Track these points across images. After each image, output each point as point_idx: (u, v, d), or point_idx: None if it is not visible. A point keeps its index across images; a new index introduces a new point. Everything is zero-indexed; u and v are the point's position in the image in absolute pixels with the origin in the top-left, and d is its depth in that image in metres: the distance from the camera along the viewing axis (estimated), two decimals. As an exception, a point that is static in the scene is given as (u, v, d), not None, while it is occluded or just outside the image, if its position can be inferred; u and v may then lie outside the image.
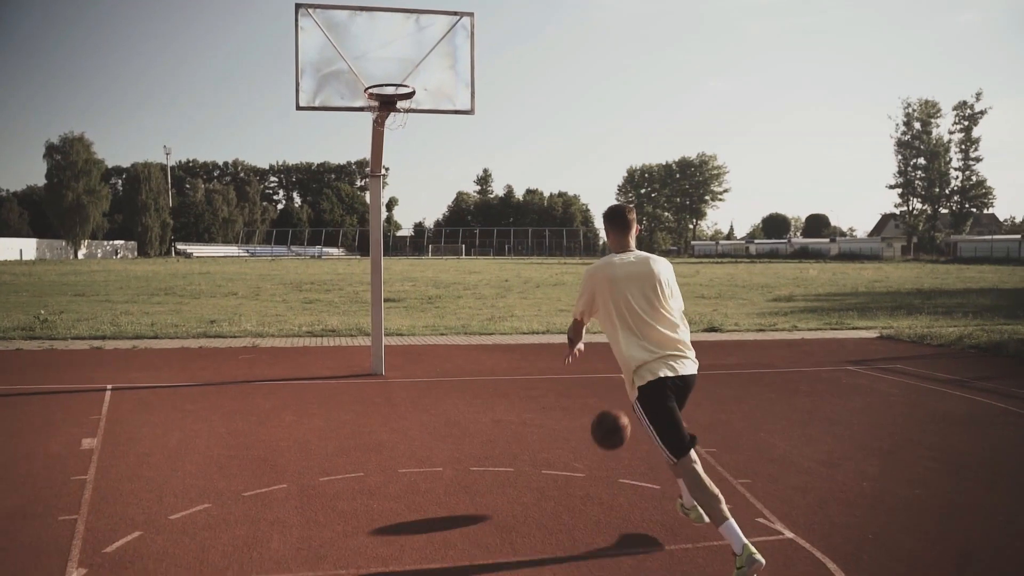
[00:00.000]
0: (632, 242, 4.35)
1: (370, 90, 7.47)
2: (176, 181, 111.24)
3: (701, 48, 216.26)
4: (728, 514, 3.81)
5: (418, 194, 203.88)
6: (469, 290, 27.89)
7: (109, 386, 8.54)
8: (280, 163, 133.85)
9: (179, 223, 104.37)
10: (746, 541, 3.68)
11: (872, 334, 14.55)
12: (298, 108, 7.53)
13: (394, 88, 7.43)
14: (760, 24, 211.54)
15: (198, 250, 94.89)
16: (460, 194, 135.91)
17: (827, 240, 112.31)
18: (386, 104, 7.45)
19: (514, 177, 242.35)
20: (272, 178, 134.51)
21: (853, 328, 15.55)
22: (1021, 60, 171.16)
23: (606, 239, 4.39)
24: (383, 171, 8.96)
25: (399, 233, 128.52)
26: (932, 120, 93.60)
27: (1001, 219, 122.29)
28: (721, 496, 3.90)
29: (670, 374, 4.04)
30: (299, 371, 9.76)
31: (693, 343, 4.32)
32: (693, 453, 4.04)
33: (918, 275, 43.04)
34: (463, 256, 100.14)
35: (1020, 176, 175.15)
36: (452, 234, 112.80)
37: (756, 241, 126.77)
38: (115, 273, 40.42)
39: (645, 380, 4.03)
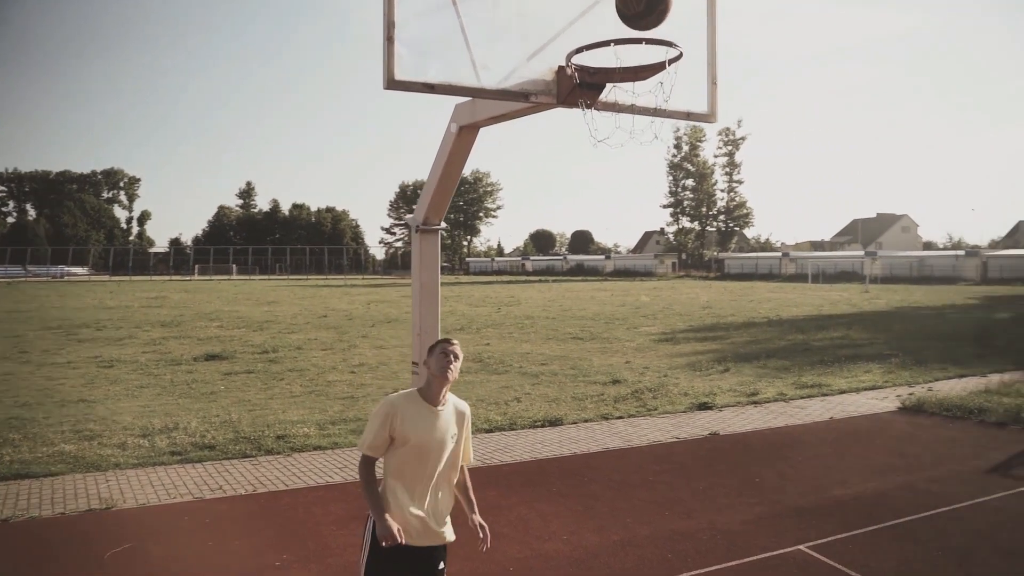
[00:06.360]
0: None
1: (577, 57, 3.26)
2: None
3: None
4: None
5: (173, 207, 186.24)
6: (292, 331, 22.99)
7: None
8: (11, 170, 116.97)
9: None
10: None
11: (885, 403, 12.02)
12: (388, 85, 3.15)
13: (646, 45, 3.21)
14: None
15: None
16: (222, 208, 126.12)
17: (602, 257, 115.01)
18: (591, 88, 3.27)
19: (280, 191, 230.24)
20: (1, 187, 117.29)
21: (840, 392, 13.01)
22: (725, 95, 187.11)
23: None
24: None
25: (152, 249, 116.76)
26: (699, 144, 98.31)
27: (749, 237, 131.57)
28: None
29: None
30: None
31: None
32: None
33: (732, 298, 43.20)
34: (234, 276, 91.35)
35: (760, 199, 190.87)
36: (220, 252, 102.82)
37: (532, 258, 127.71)
38: None
39: None
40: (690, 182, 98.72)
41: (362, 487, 3.58)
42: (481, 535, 3.77)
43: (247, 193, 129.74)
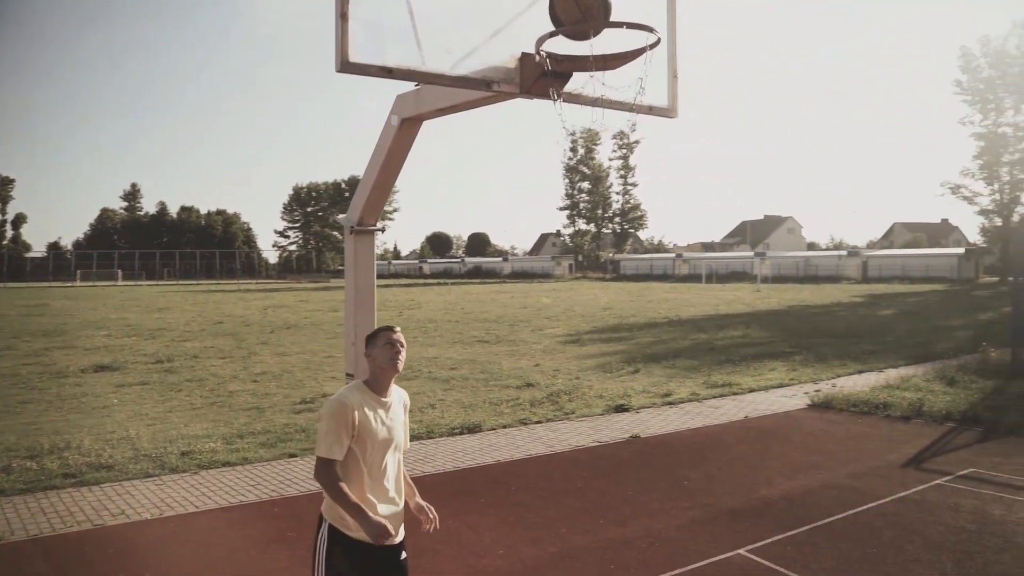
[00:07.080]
0: None
1: (549, 43, 2.99)
2: None
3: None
4: None
5: (51, 209, 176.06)
6: (187, 339, 21.96)
7: None
8: None
9: None
10: None
11: (795, 400, 12.26)
12: (342, 68, 2.78)
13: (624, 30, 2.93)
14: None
15: None
16: (105, 211, 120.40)
17: (500, 259, 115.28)
18: (558, 76, 3.01)
19: (167, 193, 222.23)
20: None
21: (750, 390, 13.22)
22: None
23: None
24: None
25: (29, 254, 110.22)
26: (595, 147, 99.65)
27: (643, 239, 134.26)
28: None
29: None
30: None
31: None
32: None
33: (631, 298, 43.81)
34: (120, 282, 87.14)
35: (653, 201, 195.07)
36: (104, 256, 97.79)
37: (429, 261, 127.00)
38: None
39: None
40: (586, 184, 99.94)
41: (332, 494, 3.32)
42: (431, 515, 3.71)
43: (132, 195, 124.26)
